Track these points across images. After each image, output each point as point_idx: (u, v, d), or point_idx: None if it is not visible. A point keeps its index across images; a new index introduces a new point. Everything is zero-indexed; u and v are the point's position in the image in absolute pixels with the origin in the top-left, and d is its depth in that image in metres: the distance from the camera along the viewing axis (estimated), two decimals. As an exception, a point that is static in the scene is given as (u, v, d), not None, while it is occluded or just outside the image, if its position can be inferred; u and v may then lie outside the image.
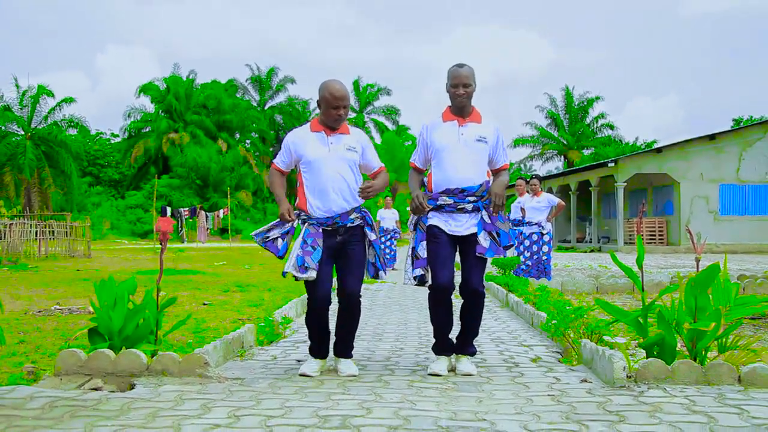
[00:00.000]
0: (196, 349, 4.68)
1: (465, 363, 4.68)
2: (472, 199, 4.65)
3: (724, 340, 4.75)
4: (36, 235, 20.41)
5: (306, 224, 4.63)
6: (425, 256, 4.67)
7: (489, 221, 4.66)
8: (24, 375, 4.30)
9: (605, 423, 3.42)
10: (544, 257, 11.25)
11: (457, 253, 4.78)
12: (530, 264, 11.29)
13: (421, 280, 4.71)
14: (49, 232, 21.26)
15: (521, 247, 11.41)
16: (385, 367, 4.96)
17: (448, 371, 4.68)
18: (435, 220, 4.69)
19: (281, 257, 4.65)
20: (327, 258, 4.60)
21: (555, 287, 10.17)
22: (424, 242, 4.70)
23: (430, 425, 3.39)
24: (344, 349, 4.75)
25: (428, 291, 4.72)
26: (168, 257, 17.12)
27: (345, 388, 4.25)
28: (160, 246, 4.92)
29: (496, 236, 4.65)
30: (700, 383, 4.17)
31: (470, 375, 4.56)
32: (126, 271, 14.19)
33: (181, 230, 39.10)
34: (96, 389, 4.08)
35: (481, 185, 4.67)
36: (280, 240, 4.63)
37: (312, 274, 4.49)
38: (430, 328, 4.81)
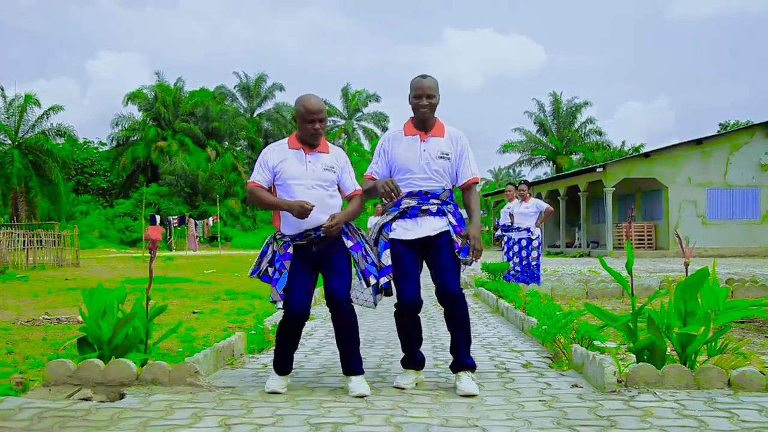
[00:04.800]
0: (187, 358, 4.66)
1: (465, 381, 4.31)
2: (435, 201, 4.49)
3: (713, 343, 4.77)
4: (24, 245, 20.28)
5: (278, 243, 4.49)
6: (390, 263, 4.47)
7: (456, 224, 4.49)
8: (12, 386, 4.26)
9: (596, 428, 3.42)
10: (534, 263, 11.27)
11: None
12: (519, 269, 11.31)
13: (387, 291, 4.54)
14: (37, 241, 21.13)
15: (510, 253, 11.43)
16: (377, 374, 4.95)
17: (416, 384, 4.52)
18: (398, 231, 4.48)
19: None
20: (303, 268, 4.42)
21: (545, 292, 10.19)
22: (388, 250, 4.48)
23: (421, 432, 3.39)
24: (352, 366, 4.39)
25: (394, 308, 4.55)
26: (157, 265, 17.07)
27: (336, 395, 4.24)
28: (149, 254, 4.89)
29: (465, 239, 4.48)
30: (690, 387, 4.19)
31: (472, 396, 4.19)
32: (115, 279, 14.11)
33: (169, 238, 38.93)
34: (85, 399, 4.06)
35: (445, 190, 4.53)
36: (269, 269, 4.51)
37: (279, 305, 4.40)
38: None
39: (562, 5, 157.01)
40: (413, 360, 4.58)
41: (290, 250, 4.43)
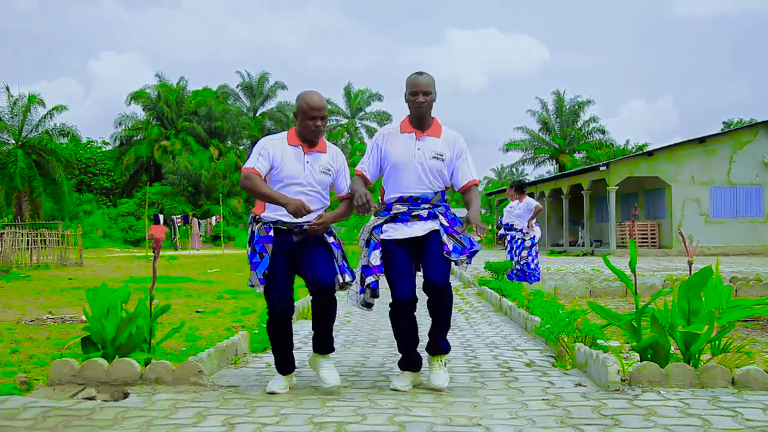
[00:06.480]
0: (190, 357, 4.66)
1: (436, 374, 4.37)
2: (426, 206, 4.43)
3: (717, 342, 4.77)
4: (28, 244, 20.32)
5: (258, 225, 4.40)
6: (378, 263, 4.39)
7: (448, 225, 4.41)
8: (17, 385, 4.28)
9: (600, 427, 3.42)
10: (524, 262, 11.27)
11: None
12: (519, 268, 11.33)
13: (373, 291, 4.42)
14: (41, 240, 21.16)
15: (512, 252, 11.46)
16: (380, 373, 4.95)
17: (413, 386, 4.44)
18: (390, 232, 4.42)
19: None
20: (283, 263, 4.34)
21: (548, 291, 10.18)
22: (377, 251, 4.42)
23: (425, 431, 3.39)
24: (322, 344, 4.42)
25: (389, 308, 4.47)
26: (161, 265, 17.08)
27: (340, 394, 4.24)
28: (152, 254, 4.90)
29: (459, 239, 4.40)
30: (694, 386, 4.19)
31: (440, 390, 4.30)
32: (118, 279, 14.13)
33: (174, 237, 38.98)
34: (89, 399, 4.07)
35: (436, 194, 4.48)
36: (248, 248, 4.44)
37: (258, 289, 4.33)
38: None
39: (564, 5, 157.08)
40: (410, 361, 4.50)
41: (272, 233, 4.35)
